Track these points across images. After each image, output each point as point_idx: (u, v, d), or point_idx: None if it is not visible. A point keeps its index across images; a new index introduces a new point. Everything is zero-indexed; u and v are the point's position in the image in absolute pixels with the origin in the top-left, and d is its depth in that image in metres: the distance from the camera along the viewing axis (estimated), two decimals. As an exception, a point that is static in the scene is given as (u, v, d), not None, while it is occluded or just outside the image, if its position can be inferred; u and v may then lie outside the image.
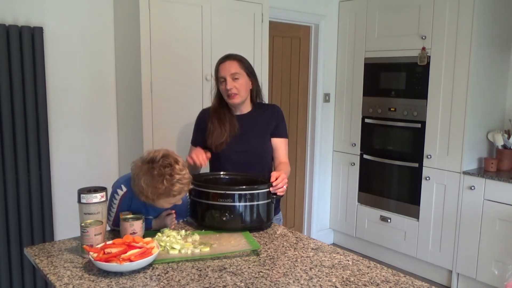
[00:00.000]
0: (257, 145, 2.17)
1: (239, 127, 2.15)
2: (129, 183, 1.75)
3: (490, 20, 3.30)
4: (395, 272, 1.51)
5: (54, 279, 1.42)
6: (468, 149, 3.34)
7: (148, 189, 1.64)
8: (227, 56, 2.16)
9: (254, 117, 2.19)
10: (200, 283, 1.40)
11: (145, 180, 1.64)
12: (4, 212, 2.56)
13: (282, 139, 2.22)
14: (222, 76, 2.09)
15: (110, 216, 1.82)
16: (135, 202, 1.79)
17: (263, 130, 2.18)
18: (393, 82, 3.77)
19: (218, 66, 2.13)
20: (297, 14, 3.85)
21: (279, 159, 2.19)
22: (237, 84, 2.09)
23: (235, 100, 2.11)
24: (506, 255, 3.07)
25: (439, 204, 3.49)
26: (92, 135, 2.94)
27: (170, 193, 1.66)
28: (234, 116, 2.17)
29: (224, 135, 2.12)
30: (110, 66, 2.98)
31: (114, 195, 1.80)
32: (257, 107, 2.22)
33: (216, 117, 2.16)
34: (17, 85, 2.53)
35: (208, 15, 2.96)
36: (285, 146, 2.22)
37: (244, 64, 2.13)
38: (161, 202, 1.70)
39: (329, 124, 4.26)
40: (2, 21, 2.51)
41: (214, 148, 2.15)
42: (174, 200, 1.71)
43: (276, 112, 2.24)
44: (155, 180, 1.64)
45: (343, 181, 4.24)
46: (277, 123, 2.21)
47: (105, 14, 2.91)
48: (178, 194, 1.68)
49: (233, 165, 2.14)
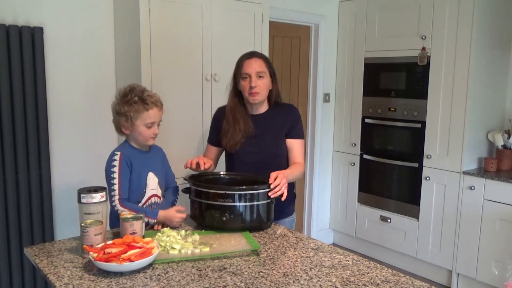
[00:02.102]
0: (271, 146, 2.13)
1: (254, 127, 2.11)
2: (119, 148, 1.92)
3: (490, 20, 3.30)
4: (395, 272, 1.51)
5: (54, 279, 1.42)
6: (468, 149, 3.34)
7: (127, 110, 1.85)
8: (252, 53, 2.13)
9: (270, 118, 2.15)
10: (200, 283, 1.40)
11: (124, 105, 1.86)
12: (4, 212, 2.56)
13: (297, 140, 2.16)
14: (247, 73, 2.05)
15: (113, 192, 1.84)
16: (135, 160, 1.89)
17: (277, 130, 2.14)
18: (393, 82, 3.77)
19: (243, 62, 2.08)
20: (297, 14, 3.85)
21: (293, 160, 2.14)
22: (260, 83, 2.06)
23: (256, 98, 2.07)
24: (506, 255, 3.07)
25: (439, 204, 3.49)
26: (92, 135, 2.94)
27: (144, 106, 1.85)
28: (249, 116, 2.14)
29: (239, 135, 2.10)
30: (110, 66, 2.98)
31: (112, 164, 1.86)
32: (273, 107, 2.18)
33: (231, 116, 2.13)
34: (17, 85, 2.53)
35: (208, 15, 2.96)
36: (300, 147, 2.17)
37: (269, 64, 2.11)
38: (140, 122, 1.86)
39: (329, 124, 4.26)
40: (2, 21, 2.51)
41: (228, 148, 2.14)
42: (150, 117, 1.86)
43: (291, 113, 2.18)
44: (131, 100, 1.85)
45: (343, 181, 4.24)
46: (293, 123, 2.16)
47: (105, 14, 2.91)
48: (151, 106, 1.86)
49: (246, 165, 2.11)
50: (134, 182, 1.90)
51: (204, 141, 3.03)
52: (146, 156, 1.96)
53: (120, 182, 1.85)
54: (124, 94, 1.88)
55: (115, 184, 1.85)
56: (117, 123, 1.93)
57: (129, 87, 1.91)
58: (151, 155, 2.00)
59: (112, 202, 1.84)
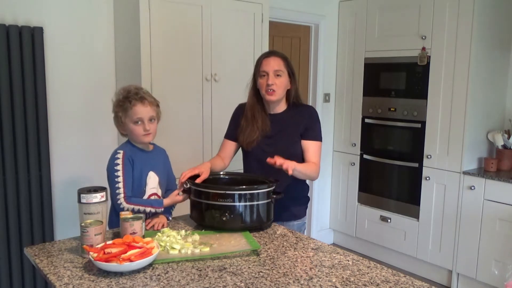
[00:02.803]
0: (286, 146, 2.12)
1: (271, 126, 2.12)
2: (121, 147, 1.93)
3: (490, 20, 3.30)
4: (395, 272, 1.51)
5: (54, 279, 1.42)
6: (468, 149, 3.34)
7: (117, 110, 1.90)
8: (272, 52, 2.15)
9: (287, 118, 2.15)
10: (200, 283, 1.40)
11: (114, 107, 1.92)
12: (4, 212, 2.56)
13: (313, 141, 2.14)
14: (265, 71, 2.07)
15: (118, 190, 1.84)
16: (136, 159, 1.90)
17: (293, 131, 2.13)
18: (393, 82, 3.77)
19: (262, 60, 2.10)
20: (297, 14, 3.85)
21: (307, 160, 2.13)
22: (277, 81, 2.06)
23: (272, 97, 2.07)
24: (506, 255, 3.07)
25: (439, 204, 3.49)
26: (92, 135, 2.94)
27: (129, 103, 1.87)
28: (267, 115, 2.15)
29: (256, 133, 2.11)
30: (110, 66, 2.98)
31: (115, 163, 1.87)
32: (291, 107, 2.17)
33: (250, 114, 2.14)
34: (17, 85, 2.53)
35: (208, 15, 2.96)
36: (316, 149, 2.14)
37: (288, 63, 2.11)
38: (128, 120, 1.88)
39: (329, 124, 4.26)
40: (2, 21, 2.51)
41: (245, 145, 2.15)
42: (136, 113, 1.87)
43: (309, 114, 2.18)
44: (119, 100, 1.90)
45: (343, 181, 4.24)
46: (309, 125, 2.14)
47: (105, 14, 2.91)
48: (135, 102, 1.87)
49: (261, 164, 2.09)
50: (135, 180, 1.91)
51: (204, 141, 3.05)
52: (147, 155, 1.97)
53: (124, 180, 1.86)
54: (116, 96, 1.93)
55: (120, 182, 1.85)
56: (116, 126, 1.96)
57: (123, 89, 1.94)
58: (153, 154, 2.01)
59: (117, 200, 1.84)
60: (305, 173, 2.06)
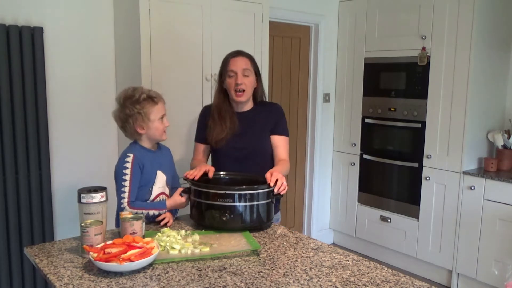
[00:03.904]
0: (256, 142, 2.17)
1: (239, 124, 2.15)
2: (131, 149, 1.93)
3: (490, 21, 3.30)
4: (395, 272, 1.51)
5: (54, 279, 1.42)
6: (468, 149, 3.34)
7: (140, 108, 1.87)
8: (238, 52, 2.17)
9: (254, 115, 2.20)
10: (200, 283, 1.40)
11: (134, 105, 1.88)
12: (4, 212, 2.56)
13: (282, 136, 2.21)
14: (233, 70, 2.10)
15: (123, 194, 1.85)
16: (146, 161, 1.91)
17: (262, 127, 2.18)
18: (393, 82, 3.77)
19: (229, 60, 2.13)
20: (297, 14, 3.85)
21: (279, 156, 2.19)
22: (246, 81, 2.10)
23: (241, 98, 2.12)
24: (506, 255, 3.07)
25: (439, 204, 3.49)
26: (92, 135, 2.94)
27: (154, 101, 1.89)
28: (234, 113, 2.18)
29: (225, 132, 2.14)
30: (110, 66, 2.98)
31: (124, 166, 1.87)
32: (258, 105, 2.23)
33: (217, 113, 2.17)
34: (17, 85, 2.53)
35: (208, 15, 2.96)
36: (285, 144, 2.22)
37: (254, 63, 2.16)
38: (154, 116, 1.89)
39: (329, 124, 4.26)
40: (2, 21, 2.51)
41: (214, 144, 2.17)
42: (160, 111, 1.91)
43: (276, 110, 2.25)
44: (140, 98, 1.88)
45: (343, 181, 4.24)
46: (277, 120, 2.21)
47: (105, 14, 2.91)
48: (158, 99, 1.91)
49: (232, 161, 2.15)
50: (143, 181, 1.92)
51: (204, 141, 3.04)
52: (155, 155, 1.99)
53: (131, 185, 1.87)
54: (129, 96, 1.91)
55: (126, 187, 1.86)
56: (129, 127, 1.92)
57: (131, 89, 1.94)
58: (160, 153, 2.03)
59: (121, 204, 1.86)
60: (284, 174, 2.10)
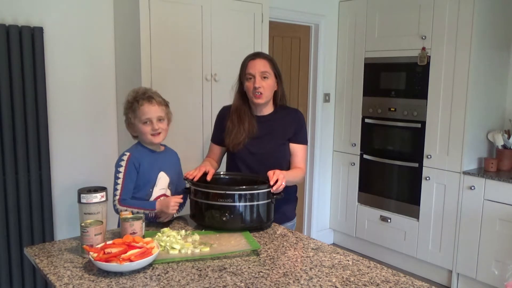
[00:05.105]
0: (273, 149, 2.12)
1: (258, 128, 2.11)
2: (130, 148, 1.94)
3: (490, 20, 3.30)
4: (395, 272, 1.51)
5: (54, 279, 1.42)
6: (468, 149, 3.34)
7: (126, 112, 1.93)
8: (257, 53, 2.13)
9: (274, 120, 2.14)
10: (200, 283, 1.40)
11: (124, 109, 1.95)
12: (4, 212, 2.56)
13: (301, 145, 2.16)
14: (251, 73, 2.05)
15: (115, 191, 1.87)
16: (144, 160, 1.90)
17: (281, 134, 2.13)
18: (393, 82, 3.77)
19: (247, 63, 2.08)
20: (297, 14, 3.85)
21: (295, 165, 2.14)
22: (264, 84, 2.05)
23: (260, 100, 2.06)
24: (506, 255, 3.07)
25: (439, 204, 3.49)
26: (92, 135, 2.94)
27: (137, 103, 1.90)
28: (254, 117, 2.13)
29: (243, 135, 2.09)
30: (110, 66, 2.98)
31: (119, 164, 1.89)
32: (278, 110, 2.17)
33: (236, 116, 2.12)
34: (17, 85, 2.53)
35: (208, 15, 2.96)
36: (303, 153, 2.16)
37: (274, 65, 2.10)
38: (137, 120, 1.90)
39: (329, 124, 4.26)
40: (2, 21, 2.51)
41: (231, 147, 2.13)
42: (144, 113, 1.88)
43: (297, 118, 2.18)
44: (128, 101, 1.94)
45: (343, 181, 4.24)
46: (297, 128, 2.15)
47: (105, 14, 2.91)
48: (142, 102, 1.89)
49: (247, 166, 2.11)
50: (142, 180, 1.92)
51: (204, 141, 3.05)
52: (157, 156, 1.98)
53: (123, 183, 1.88)
54: (126, 98, 1.96)
55: (119, 185, 1.88)
56: (127, 128, 2.00)
57: (132, 90, 1.97)
58: (164, 155, 2.02)
59: (113, 201, 1.88)
60: (294, 181, 2.08)
